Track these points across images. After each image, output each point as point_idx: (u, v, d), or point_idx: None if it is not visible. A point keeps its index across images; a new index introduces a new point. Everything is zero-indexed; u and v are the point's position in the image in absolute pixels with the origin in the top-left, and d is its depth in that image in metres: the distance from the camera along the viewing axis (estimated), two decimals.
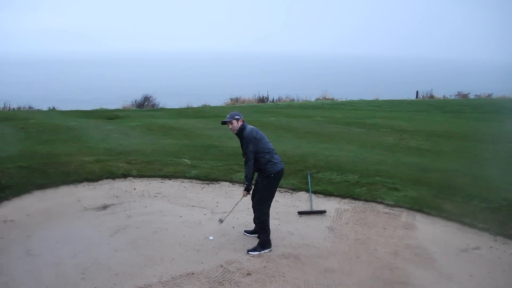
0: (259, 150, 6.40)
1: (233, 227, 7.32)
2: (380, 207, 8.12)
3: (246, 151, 6.42)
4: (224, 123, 6.63)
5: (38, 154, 10.62)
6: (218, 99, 31.71)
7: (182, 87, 61.90)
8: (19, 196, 8.19)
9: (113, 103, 28.44)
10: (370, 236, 7.08)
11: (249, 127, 6.56)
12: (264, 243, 6.55)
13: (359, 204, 8.29)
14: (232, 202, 8.09)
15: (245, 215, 7.57)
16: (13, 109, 25.43)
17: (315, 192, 8.72)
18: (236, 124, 6.51)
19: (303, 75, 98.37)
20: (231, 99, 31.29)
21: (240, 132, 6.50)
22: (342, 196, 8.58)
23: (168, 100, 31.37)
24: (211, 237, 6.95)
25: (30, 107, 26.38)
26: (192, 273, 5.85)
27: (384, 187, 8.80)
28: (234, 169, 9.77)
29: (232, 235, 7.07)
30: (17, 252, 6.36)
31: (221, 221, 7.05)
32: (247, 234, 7.05)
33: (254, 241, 6.72)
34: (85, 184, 9.03)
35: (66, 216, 7.75)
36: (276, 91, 35.18)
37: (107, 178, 9.28)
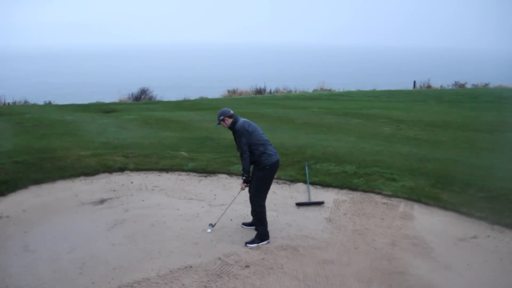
0: (252, 142, 6.38)
1: (231, 220, 7.31)
2: (378, 198, 8.11)
3: (239, 144, 6.43)
4: (218, 122, 6.65)
5: (34, 148, 10.57)
6: (215, 91, 31.65)
7: (178, 80, 61.81)
8: (15, 191, 8.15)
9: (112, 96, 28.35)
10: (368, 227, 7.08)
11: (241, 120, 6.54)
12: (262, 235, 6.53)
13: (357, 194, 8.28)
14: (230, 195, 8.09)
15: (243, 208, 7.56)
16: (8, 103, 25.30)
17: (313, 183, 8.70)
18: (225, 123, 6.54)
19: (299, 66, 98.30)
20: (228, 91, 31.23)
21: (232, 126, 6.50)
22: (340, 187, 8.57)
23: (165, 92, 31.31)
24: (209, 230, 6.93)
25: (25, 102, 26.26)
26: (190, 266, 5.84)
27: (382, 178, 8.79)
28: (232, 161, 9.75)
29: (230, 228, 7.05)
30: (14, 248, 6.33)
31: (211, 226, 7.03)
32: (245, 227, 7.04)
33: (252, 233, 6.70)
34: (82, 178, 8.99)
35: (63, 211, 7.71)
36: (273, 82, 35.13)
37: (104, 172, 9.24)
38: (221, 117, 6.54)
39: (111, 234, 6.83)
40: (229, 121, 6.52)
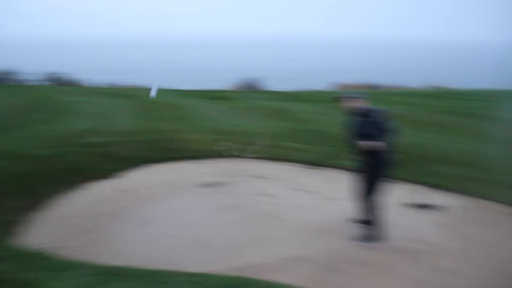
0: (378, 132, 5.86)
1: (342, 215, 7.16)
2: (497, 206, 7.51)
3: (366, 131, 5.86)
4: (342, 99, 6.18)
5: (152, 130, 11.19)
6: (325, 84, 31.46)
7: (285, 71, 62.21)
8: (134, 168, 8.75)
9: (221, 84, 29.18)
10: (488, 237, 6.56)
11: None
12: (372, 234, 6.30)
13: (475, 201, 7.73)
14: (340, 189, 7.93)
15: (354, 203, 7.37)
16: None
17: (426, 185, 8.28)
18: (355, 104, 6.06)
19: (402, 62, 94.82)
20: (335, 84, 30.93)
21: (367, 112, 5.95)
22: (456, 191, 8.06)
23: (274, 83, 31.67)
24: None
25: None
26: (300, 257, 5.83)
27: (503, 186, 8.09)
28: (342, 156, 9.56)
29: (340, 223, 6.92)
30: (133, 221, 6.78)
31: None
32: (355, 223, 6.79)
33: (363, 230, 6.49)
34: (195, 161, 9.38)
35: (178, 190, 8.09)
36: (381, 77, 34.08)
37: (217, 157, 9.53)
38: (357, 96, 6.12)
39: (222, 217, 7.04)
40: (361, 103, 6.05)
